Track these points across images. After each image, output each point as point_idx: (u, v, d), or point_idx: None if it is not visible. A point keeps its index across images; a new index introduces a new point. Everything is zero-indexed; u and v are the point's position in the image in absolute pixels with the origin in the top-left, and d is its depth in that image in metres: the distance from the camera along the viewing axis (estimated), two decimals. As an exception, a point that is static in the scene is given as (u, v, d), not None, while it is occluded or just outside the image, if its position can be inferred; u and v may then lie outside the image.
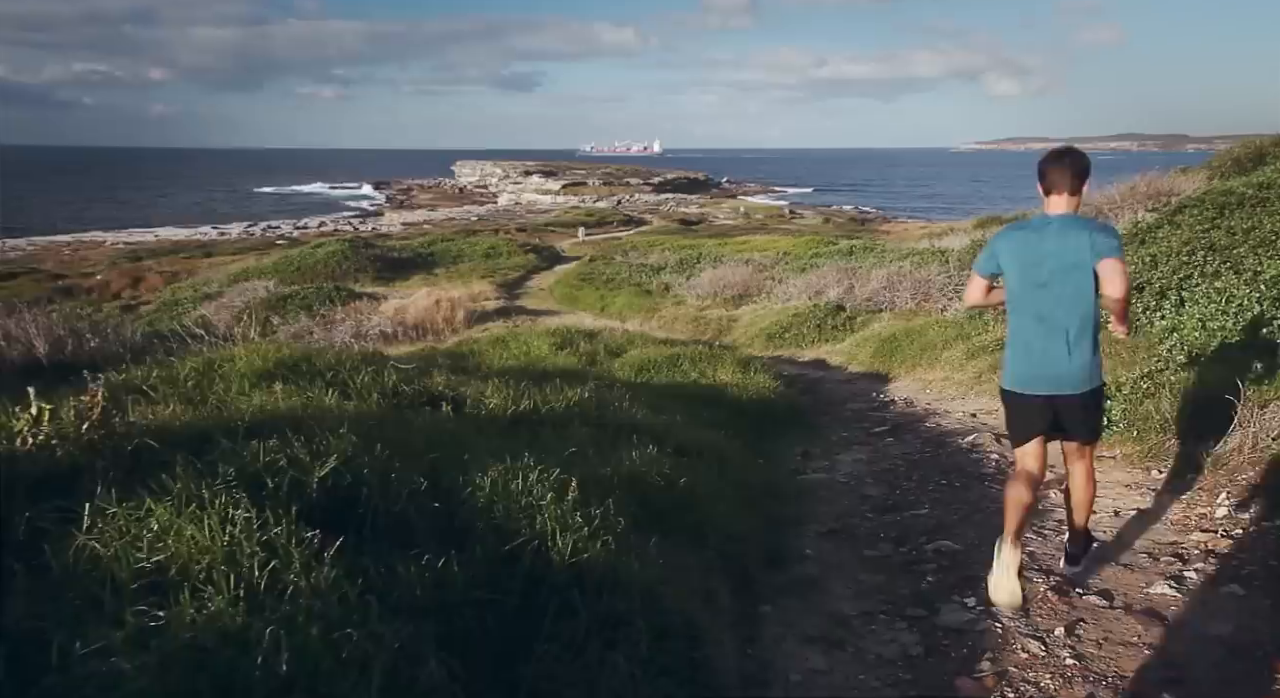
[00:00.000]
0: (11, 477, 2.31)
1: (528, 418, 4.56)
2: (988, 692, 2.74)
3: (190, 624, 1.78)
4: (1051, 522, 4.52)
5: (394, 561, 2.33)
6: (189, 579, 1.94)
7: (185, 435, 2.82)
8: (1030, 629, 3.15)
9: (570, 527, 2.65)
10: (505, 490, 2.86)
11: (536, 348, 9.65)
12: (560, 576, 2.53)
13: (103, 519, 2.15)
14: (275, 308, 21.56)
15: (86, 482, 2.39)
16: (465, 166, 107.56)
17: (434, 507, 2.75)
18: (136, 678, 1.59)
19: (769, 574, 3.77)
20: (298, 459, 2.62)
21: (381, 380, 4.72)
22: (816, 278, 17.62)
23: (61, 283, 38.00)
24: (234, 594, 1.88)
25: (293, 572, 2.04)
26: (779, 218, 60.70)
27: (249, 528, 2.10)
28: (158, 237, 59.76)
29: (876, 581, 3.83)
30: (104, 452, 2.50)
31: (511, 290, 26.08)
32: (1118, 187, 18.67)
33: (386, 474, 2.74)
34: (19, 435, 2.41)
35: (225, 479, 2.36)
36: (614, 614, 2.47)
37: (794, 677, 2.92)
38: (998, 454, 6.24)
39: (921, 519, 4.70)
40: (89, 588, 1.96)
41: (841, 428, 7.76)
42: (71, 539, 2.09)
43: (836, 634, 3.25)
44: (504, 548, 2.56)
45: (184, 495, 2.28)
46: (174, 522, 2.11)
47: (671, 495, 3.53)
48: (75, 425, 2.48)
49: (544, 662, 2.31)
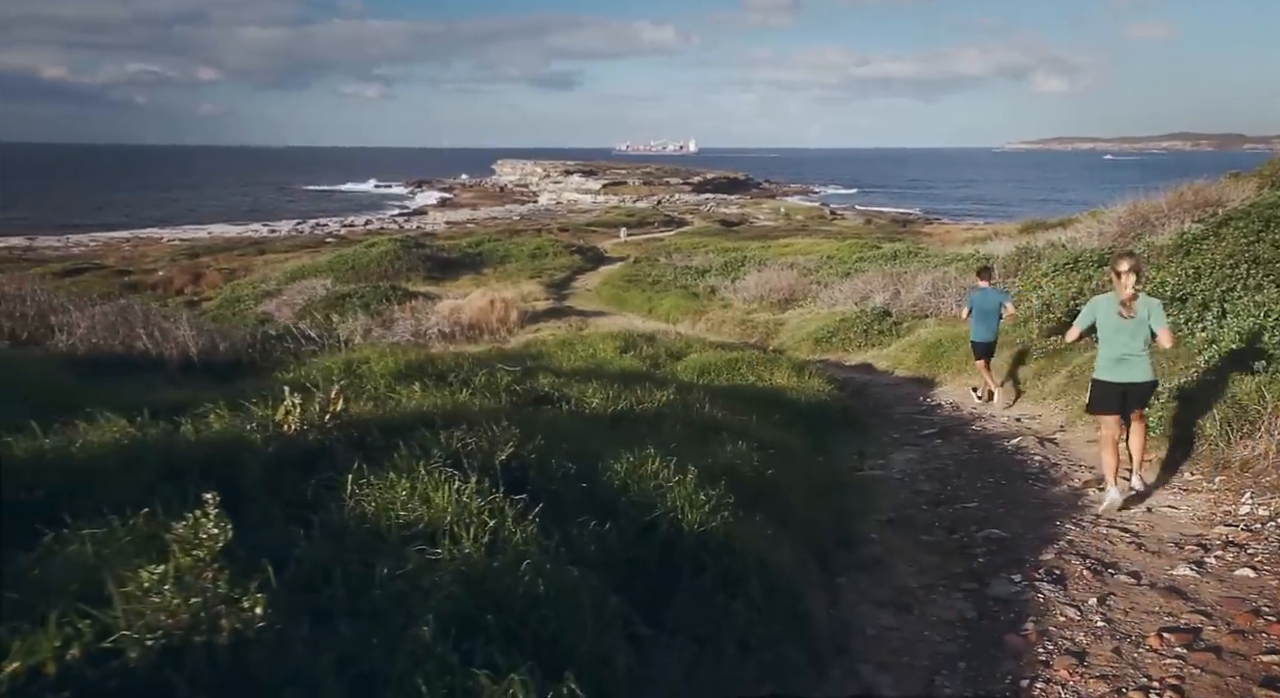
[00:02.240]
0: (282, 456, 3.04)
1: (625, 416, 5.24)
2: (1031, 646, 3.34)
3: (451, 560, 2.48)
4: (1089, 516, 5.07)
5: (566, 526, 3.01)
6: (439, 530, 2.64)
7: (384, 424, 3.54)
8: (1068, 599, 3.75)
9: (695, 504, 3.32)
10: (637, 474, 3.54)
11: (601, 350, 10.34)
12: (689, 542, 3.20)
13: (360, 487, 2.87)
14: (334, 306, 22.46)
15: (333, 459, 3.11)
16: (506, 166, 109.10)
17: (582, 486, 3.43)
18: (434, 593, 2.29)
19: (841, 553, 4.40)
20: (481, 446, 3.33)
21: (495, 382, 5.43)
22: (862, 283, 18.08)
23: (126, 279, 39.66)
24: (475, 542, 2.58)
25: (506, 528, 2.73)
26: (819, 219, 60.86)
27: (473, 495, 2.79)
28: (211, 233, 61.60)
29: (933, 560, 4.44)
30: (340, 437, 3.22)
31: (559, 291, 26.85)
32: (1166, 195, 18.76)
33: (545, 459, 3.43)
34: (283, 424, 3.14)
35: (440, 459, 3.07)
36: (733, 573, 3.14)
37: (870, 631, 3.56)
38: (1040, 456, 6.78)
39: (971, 511, 5.28)
40: (363, 537, 2.67)
41: (892, 430, 8.32)
42: (342, 502, 2.81)
43: (902, 601, 3.88)
44: (645, 519, 3.23)
45: (408, 470, 2.99)
46: (418, 489, 2.81)
47: (760, 484, 4.17)
48: (319, 416, 3.21)
49: (683, 608, 2.98)
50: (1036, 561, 4.26)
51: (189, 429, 3.22)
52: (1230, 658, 3.13)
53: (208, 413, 3.43)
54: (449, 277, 30.68)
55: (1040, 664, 3.19)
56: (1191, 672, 3.05)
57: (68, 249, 52.73)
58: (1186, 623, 3.45)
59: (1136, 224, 17.36)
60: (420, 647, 2.00)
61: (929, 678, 3.18)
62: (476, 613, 2.30)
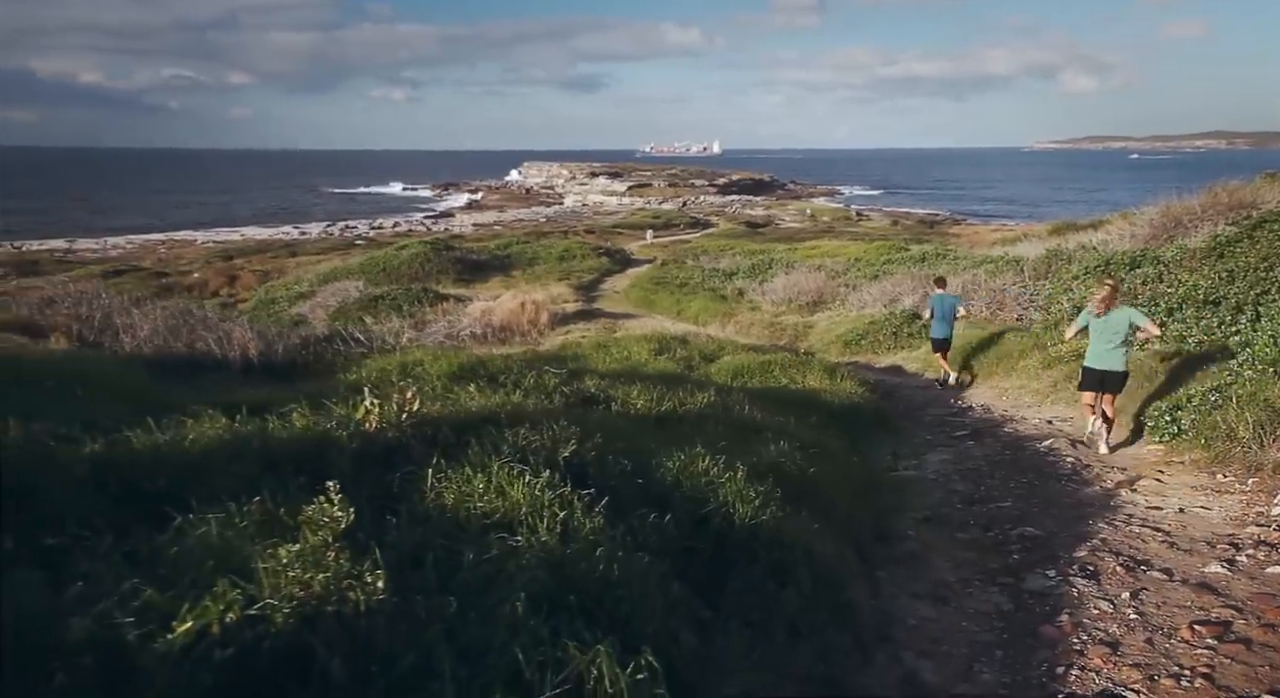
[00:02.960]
0: (364, 451, 3.29)
1: (669, 417, 5.46)
2: (1066, 636, 3.51)
3: (529, 547, 2.71)
4: (1122, 516, 5.20)
5: (627, 517, 3.23)
6: (516, 520, 2.87)
7: (453, 423, 3.79)
8: (1101, 593, 3.91)
9: (745, 499, 3.53)
10: (688, 471, 3.75)
11: (636, 353, 10.57)
12: (741, 534, 3.41)
13: (438, 480, 3.11)
14: (367, 308, 22.87)
15: (409, 455, 3.36)
16: (532, 168, 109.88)
17: (637, 482, 3.65)
18: (519, 576, 2.52)
19: (879, 548, 4.58)
20: (545, 443, 3.56)
21: (544, 383, 5.68)
22: (890, 285, 18.15)
23: (164, 281, 40.56)
24: (550, 531, 2.80)
25: (576, 519, 2.96)
26: (846, 220, 60.67)
27: (545, 489, 3.02)
28: (243, 236, 62.66)
29: (969, 556, 4.61)
30: (414, 435, 3.47)
31: (588, 293, 27.12)
32: (1199, 197, 18.60)
33: (603, 456, 3.66)
34: (364, 422, 3.39)
35: (510, 456, 3.30)
36: (783, 563, 3.34)
37: (910, 621, 3.74)
38: (1072, 458, 6.89)
39: (1005, 510, 5.43)
40: (444, 525, 2.91)
41: (924, 431, 8.46)
42: (422, 494, 3.05)
43: (940, 594, 4.05)
44: (700, 512, 3.45)
45: (481, 465, 3.22)
46: (493, 483, 3.05)
47: (803, 481, 4.37)
48: (396, 415, 3.46)
49: (737, 595, 3.19)
50: (1070, 557, 4.41)
51: (276, 426, 3.49)
52: (1260, 650, 3.27)
53: (290, 412, 3.69)
54: (478, 279, 31.06)
55: (1075, 653, 3.35)
56: (1222, 662, 3.20)
57: (106, 251, 53.95)
58: (1217, 617, 3.59)
59: (1169, 226, 17.27)
60: (515, 621, 2.22)
61: (968, 665, 3.36)
62: (558, 594, 2.52)
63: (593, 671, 2.18)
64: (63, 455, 2.75)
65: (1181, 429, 6.65)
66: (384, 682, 1.96)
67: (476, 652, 2.12)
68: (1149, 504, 5.39)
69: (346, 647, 1.94)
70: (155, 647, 1.77)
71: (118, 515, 2.54)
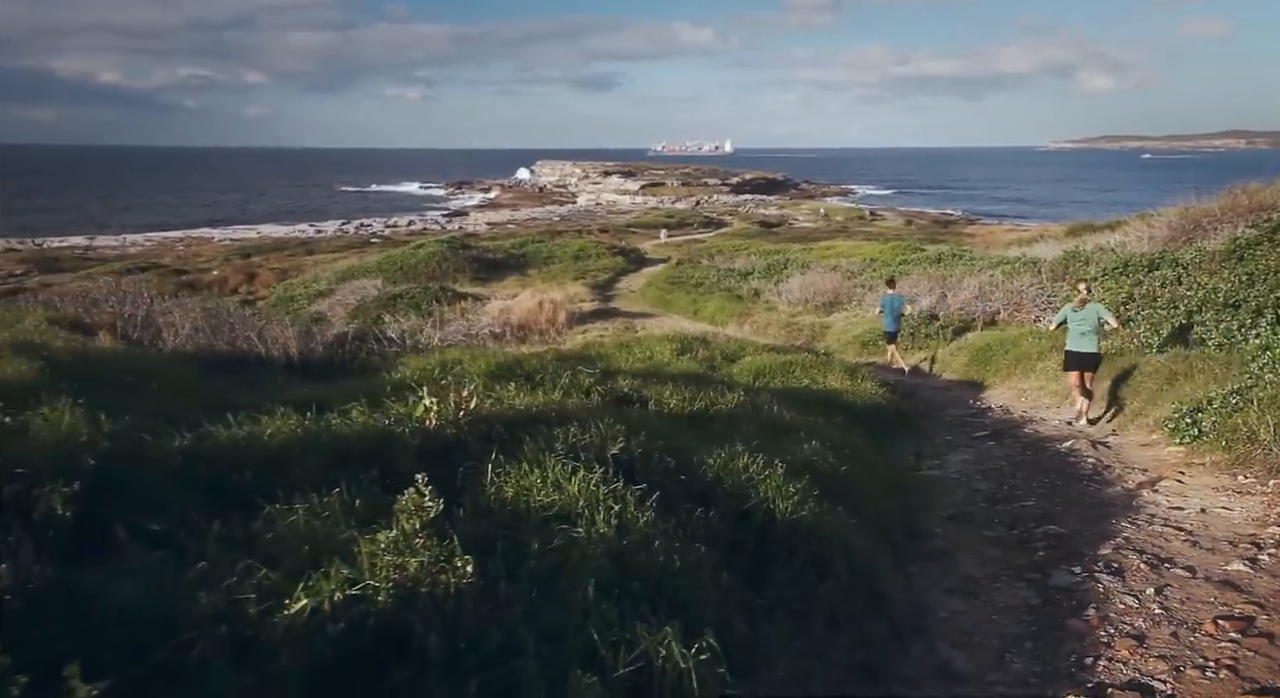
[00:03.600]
0: (425, 447, 3.47)
1: (701, 416, 5.63)
2: (1093, 629, 3.65)
3: (589, 538, 2.88)
4: (1144, 516, 5.32)
5: (676, 511, 3.40)
6: (573, 513, 3.05)
7: (504, 420, 3.96)
8: (1126, 589, 4.04)
9: (785, 495, 3.69)
10: (729, 468, 3.92)
11: (659, 353, 10.73)
12: (782, 528, 3.57)
13: (497, 475, 3.28)
14: (386, 307, 23.09)
15: (466, 451, 3.54)
16: (545, 166, 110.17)
17: (680, 478, 3.82)
18: (586, 564, 2.69)
19: (909, 544, 4.74)
20: (593, 441, 3.73)
21: (579, 382, 5.85)
22: (907, 286, 18.20)
23: (183, 278, 41.02)
24: (607, 523, 2.97)
25: (629, 512, 3.13)
26: (859, 220, 60.59)
27: (599, 484, 3.19)
28: (260, 233, 63.09)
29: (996, 553, 4.75)
30: (470, 432, 3.65)
31: (604, 292, 27.28)
32: (1218, 199, 18.57)
33: (648, 453, 3.83)
34: (424, 420, 3.57)
35: (562, 452, 3.48)
36: (822, 557, 3.51)
37: (942, 614, 3.89)
38: (1093, 459, 7.01)
39: (1029, 509, 5.57)
40: (506, 517, 3.09)
41: (945, 432, 8.59)
42: (482, 488, 3.23)
43: (970, 588, 4.20)
44: (741, 508, 3.61)
45: (537, 461, 3.40)
46: (549, 477, 3.22)
47: (835, 479, 4.52)
48: (454, 413, 3.64)
49: (779, 586, 3.35)
50: (1095, 555, 4.54)
51: (339, 423, 3.68)
52: (1282, 644, 3.41)
53: (350, 409, 3.88)
54: (495, 277, 31.26)
55: (1102, 645, 3.50)
56: (1245, 654, 3.33)
57: (125, 249, 54.51)
58: (1240, 612, 3.72)
59: (1188, 228, 17.26)
60: (586, 605, 2.40)
61: (999, 655, 3.51)
62: (621, 581, 2.70)
63: (660, 651, 2.35)
64: (154, 449, 2.95)
65: (1202, 431, 6.76)
66: (474, 658, 2.14)
67: (555, 632, 2.29)
68: (1170, 505, 5.51)
69: (440, 625, 2.12)
70: (275, 621, 1.95)
71: (209, 505, 2.74)
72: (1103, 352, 8.81)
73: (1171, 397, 7.70)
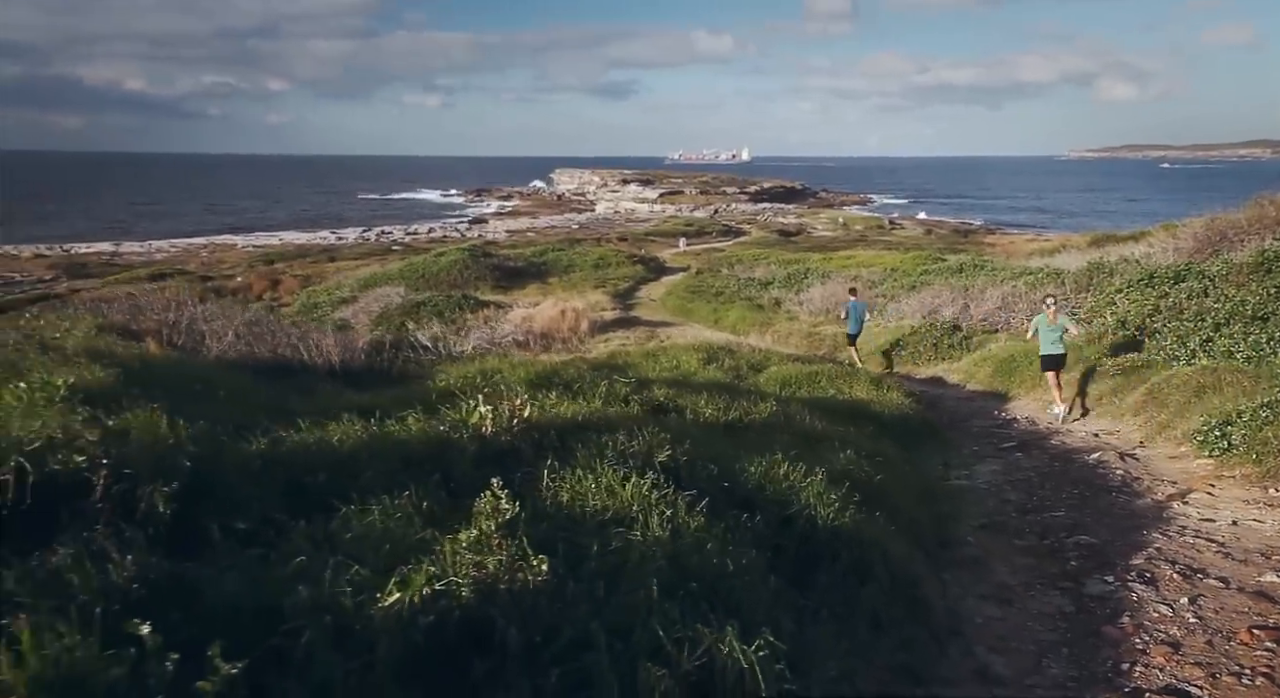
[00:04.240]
0: (482, 454, 3.62)
1: (736, 425, 5.75)
2: (1128, 636, 3.74)
3: (645, 541, 3.01)
4: (1175, 527, 5.38)
5: (723, 516, 3.52)
6: (628, 517, 3.18)
7: (555, 428, 4.11)
8: (1159, 598, 4.12)
9: (826, 502, 3.81)
10: (770, 475, 4.04)
11: (685, 362, 10.86)
12: (824, 534, 3.69)
13: (552, 480, 3.43)
14: (410, 314, 23.37)
15: (519, 457, 3.69)
16: (564, 174, 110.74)
17: (723, 485, 3.94)
18: (647, 565, 2.82)
19: (941, 552, 4.83)
20: (640, 448, 3.87)
21: (615, 391, 5.99)
22: (930, 296, 18.25)
23: (209, 284, 41.63)
24: (662, 527, 3.11)
25: (680, 517, 3.26)
26: (878, 229, 60.50)
27: (651, 489, 3.33)
28: (282, 240, 63.85)
29: (1028, 562, 4.84)
30: (524, 439, 3.80)
31: (624, 300, 27.48)
32: (1245, 210, 18.46)
33: (693, 460, 3.96)
34: (479, 427, 3.72)
35: (613, 459, 3.61)
36: (863, 562, 3.62)
37: (978, 620, 3.99)
38: (1122, 470, 7.06)
39: (1059, 519, 5.64)
40: (562, 521, 3.23)
41: (971, 443, 8.65)
42: (539, 492, 3.37)
43: (1004, 596, 4.30)
44: (784, 514, 3.73)
45: (589, 467, 3.54)
46: (603, 483, 3.36)
47: (871, 487, 4.63)
48: (508, 420, 3.79)
49: (822, 590, 3.47)
50: (1127, 564, 4.62)
51: (398, 429, 3.84)
52: (1316, 653, 3.48)
53: (406, 416, 4.04)
54: (516, 285, 31.55)
55: (1138, 652, 3.58)
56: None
57: (150, 255, 55.36)
58: (1275, 623, 3.79)
59: (1214, 239, 17.18)
60: (650, 603, 2.53)
61: (1037, 660, 3.61)
62: (678, 582, 2.83)
63: (721, 648, 2.48)
64: (234, 453, 3.11)
65: (1232, 444, 6.80)
66: (549, 652, 2.27)
67: (622, 628, 2.42)
68: (1201, 517, 5.56)
69: (519, 619, 2.26)
70: (371, 613, 2.10)
71: (287, 506, 2.90)
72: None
73: (1200, 409, 7.73)
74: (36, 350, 4.36)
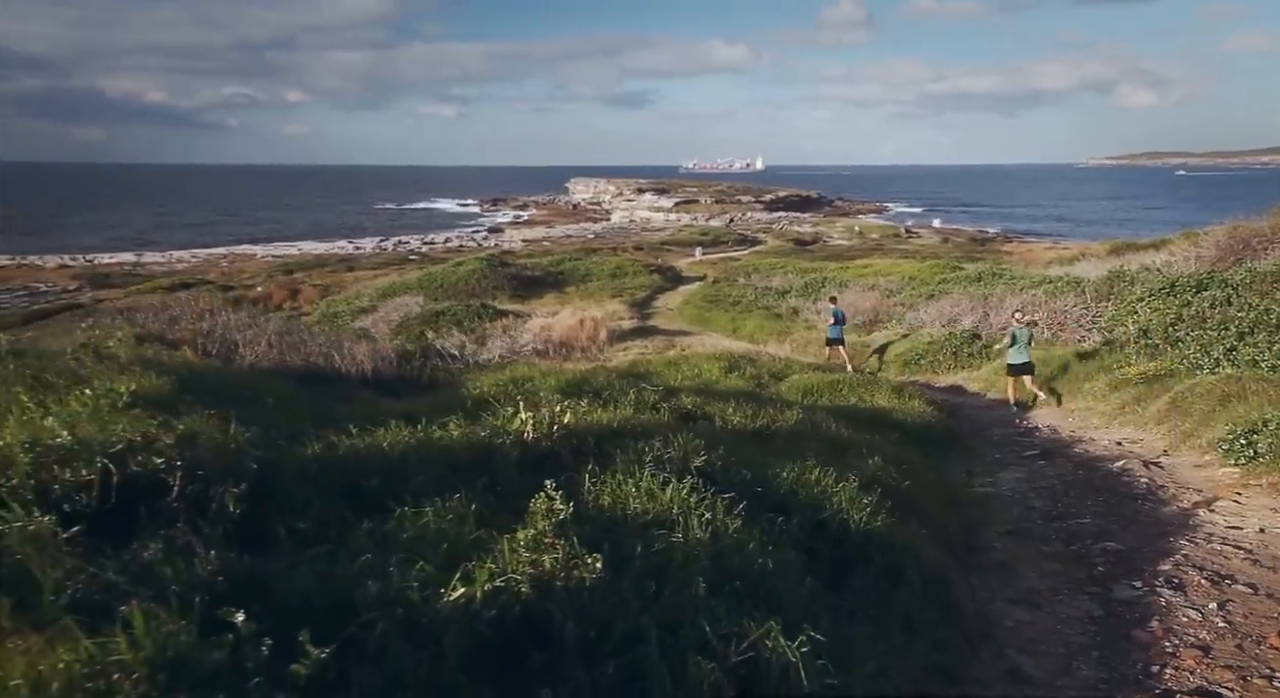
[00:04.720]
0: (524, 459, 3.74)
1: (764, 432, 5.84)
2: (1158, 640, 3.79)
3: (686, 542, 3.12)
4: (1202, 534, 5.41)
5: (759, 520, 3.62)
6: (668, 519, 3.28)
7: (593, 434, 4.22)
8: (1188, 603, 4.17)
9: (858, 507, 3.90)
10: (802, 480, 4.14)
11: (707, 370, 10.95)
12: (857, 538, 3.77)
13: (594, 485, 3.54)
14: (430, 323, 23.57)
15: (559, 462, 3.80)
16: (579, 184, 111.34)
17: (757, 490, 4.04)
18: (691, 565, 2.92)
19: (969, 557, 4.89)
20: (676, 454, 3.98)
21: (644, 399, 6.10)
22: (948, 305, 18.25)
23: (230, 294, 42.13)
24: (703, 529, 3.21)
25: (719, 520, 3.36)
26: (895, 238, 60.36)
27: (690, 493, 3.43)
28: (300, 250, 64.44)
29: (1055, 567, 4.89)
30: (562, 444, 3.91)
31: (642, 310, 27.60)
32: (1268, 218, 18.36)
33: (726, 466, 4.06)
34: (521, 432, 3.84)
35: (651, 463, 3.72)
36: (896, 565, 3.70)
37: (1008, 623, 4.06)
38: (1146, 478, 7.08)
39: (1085, 526, 5.69)
40: (604, 523, 3.34)
41: (993, 450, 8.69)
42: (580, 496, 3.48)
43: (1033, 600, 4.36)
44: (817, 518, 3.83)
45: (628, 472, 3.65)
46: (642, 487, 3.46)
47: (900, 492, 4.71)
48: (549, 426, 3.91)
49: (856, 592, 3.55)
50: (1154, 570, 4.67)
51: (442, 435, 3.97)
52: (1346, 658, 3.52)
53: (448, 422, 4.16)
54: (533, 295, 31.76)
55: (1168, 655, 3.64)
56: (1310, 667, 3.46)
57: (171, 265, 56.09)
58: (1304, 628, 3.84)
59: (1237, 248, 17.10)
60: (697, 601, 2.63)
61: (1067, 662, 3.67)
62: (721, 581, 2.93)
63: (765, 644, 2.57)
64: (291, 457, 3.25)
65: (1258, 453, 6.81)
66: (603, 645, 2.38)
67: (671, 624, 2.53)
68: (1228, 524, 5.59)
69: (575, 614, 2.37)
70: (438, 607, 2.22)
71: (344, 507, 3.02)
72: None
73: (1225, 418, 7.73)
74: (93, 359, 4.52)
